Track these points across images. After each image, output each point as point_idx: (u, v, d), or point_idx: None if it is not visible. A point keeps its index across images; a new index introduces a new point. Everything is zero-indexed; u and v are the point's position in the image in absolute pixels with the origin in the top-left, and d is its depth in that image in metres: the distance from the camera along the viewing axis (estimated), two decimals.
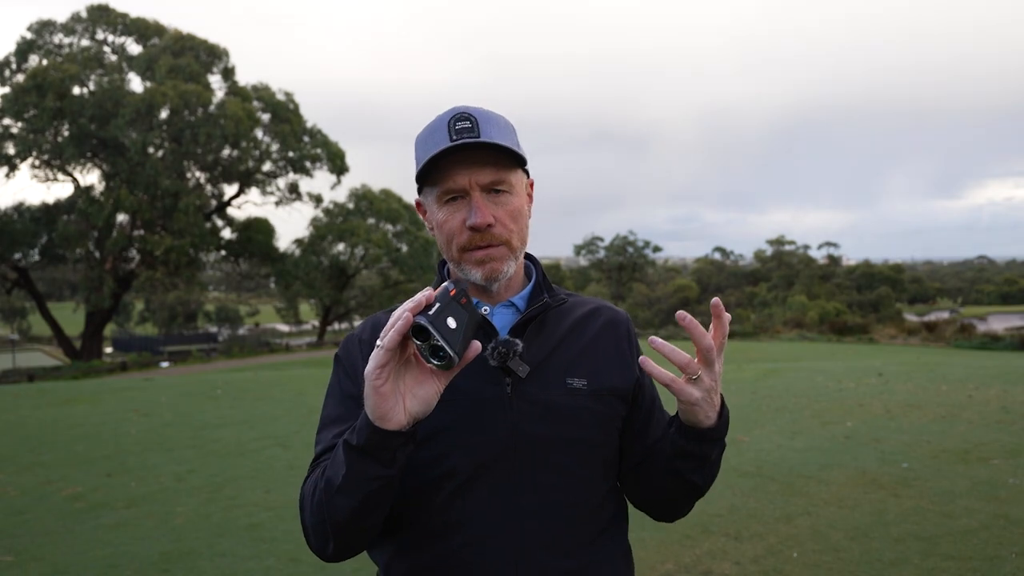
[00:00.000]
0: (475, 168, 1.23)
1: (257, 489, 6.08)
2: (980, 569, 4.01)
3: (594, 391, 1.28)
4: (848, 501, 5.34)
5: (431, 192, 1.29)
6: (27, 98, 30.57)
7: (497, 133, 1.24)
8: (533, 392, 1.24)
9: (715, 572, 4.05)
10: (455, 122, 1.23)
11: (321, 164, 37.09)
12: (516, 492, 1.22)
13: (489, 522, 1.21)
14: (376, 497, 1.11)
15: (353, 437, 1.10)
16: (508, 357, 1.22)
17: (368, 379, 1.05)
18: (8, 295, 38.72)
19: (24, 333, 60.53)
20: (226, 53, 35.21)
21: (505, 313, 1.32)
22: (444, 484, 1.22)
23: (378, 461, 1.08)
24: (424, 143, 1.27)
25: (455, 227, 1.25)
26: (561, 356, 1.29)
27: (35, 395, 13.26)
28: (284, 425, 9.18)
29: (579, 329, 1.34)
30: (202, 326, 60.19)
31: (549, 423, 1.24)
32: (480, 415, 1.22)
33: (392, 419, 1.06)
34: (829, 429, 8.10)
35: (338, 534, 1.15)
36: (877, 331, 34.49)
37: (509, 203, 1.26)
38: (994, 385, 11.26)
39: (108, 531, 5.04)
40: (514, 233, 1.27)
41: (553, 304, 1.32)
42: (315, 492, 1.17)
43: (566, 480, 1.24)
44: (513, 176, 1.27)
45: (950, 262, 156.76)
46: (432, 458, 1.21)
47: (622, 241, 63.10)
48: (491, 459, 1.22)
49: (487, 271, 1.25)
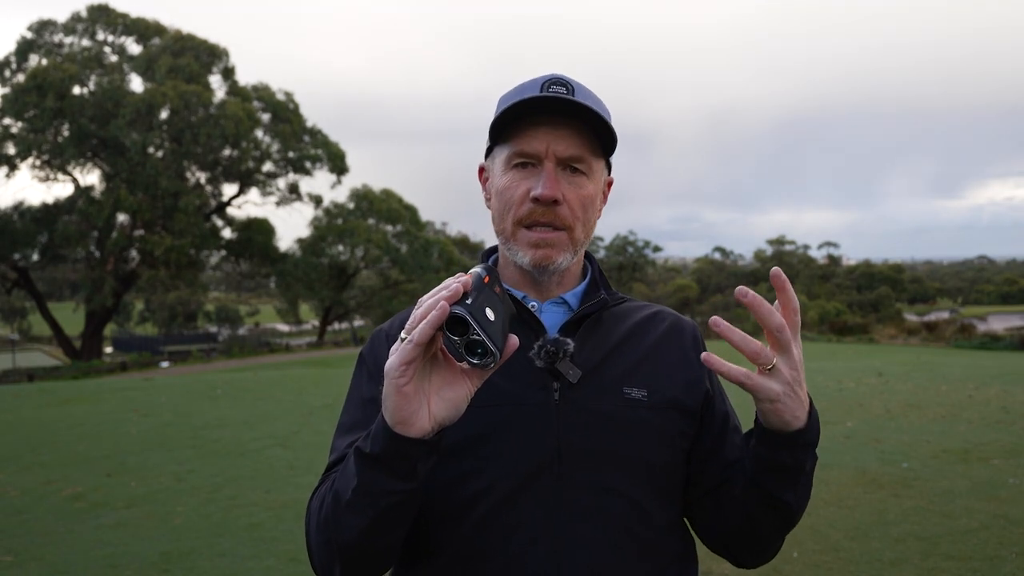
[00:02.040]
0: (558, 135, 1.08)
1: (257, 489, 6.08)
2: (980, 569, 4.01)
3: (655, 404, 1.11)
4: (848, 501, 5.34)
5: (500, 152, 1.13)
6: (27, 98, 30.58)
7: (595, 105, 1.10)
8: (584, 400, 1.08)
9: (715, 572, 4.05)
10: (549, 84, 1.09)
11: (321, 164, 37.12)
12: (561, 515, 1.05)
13: (527, 550, 1.04)
14: (391, 516, 0.96)
15: (367, 444, 0.94)
16: (557, 358, 1.07)
17: (389, 376, 0.89)
18: (8, 295, 38.74)
19: (24, 333, 60.53)
20: (226, 53, 35.23)
21: (555, 311, 1.16)
22: (478, 503, 1.05)
23: (395, 473, 0.93)
24: (509, 98, 1.12)
25: (517, 196, 1.10)
26: (618, 362, 1.13)
27: (35, 395, 13.27)
28: (284, 425, 9.17)
29: (639, 333, 1.18)
30: (202, 326, 60.17)
31: (602, 436, 1.07)
32: (523, 423, 1.06)
33: (414, 424, 0.91)
34: (829, 429, 8.10)
35: (346, 557, 0.99)
36: (877, 331, 34.49)
37: (584, 187, 1.11)
38: (994, 385, 11.26)
39: (108, 531, 5.04)
40: (580, 222, 1.11)
41: (611, 303, 1.17)
42: (322, 507, 1.02)
43: (620, 504, 1.07)
44: (595, 161, 1.13)
45: (950, 262, 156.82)
46: (466, 472, 1.06)
47: (622, 241, 63.07)
48: (533, 475, 1.05)
49: (538, 256, 1.10)
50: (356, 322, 51.99)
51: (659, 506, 1.11)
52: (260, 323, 66.78)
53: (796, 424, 0.98)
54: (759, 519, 1.09)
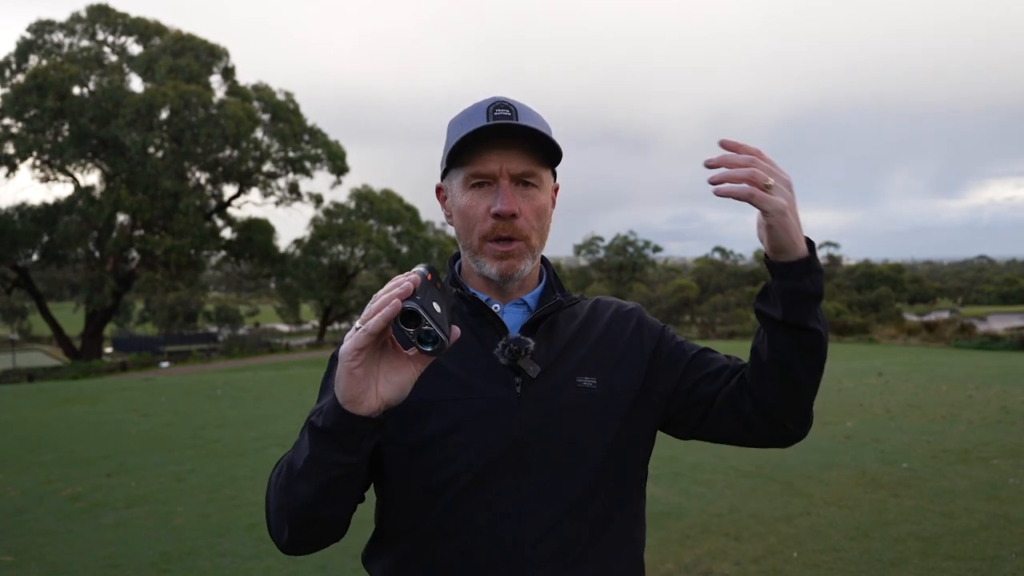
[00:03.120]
0: (509, 155, 1.20)
1: (257, 489, 6.08)
2: (980, 569, 4.01)
3: (603, 389, 1.24)
4: (848, 501, 5.34)
5: (457, 175, 1.24)
6: (27, 98, 30.60)
7: (537, 125, 1.21)
8: (543, 392, 1.21)
9: (715, 572, 4.05)
10: (494, 108, 1.20)
11: (321, 164, 37.14)
12: (524, 495, 1.17)
13: (495, 527, 1.16)
14: (337, 486, 1.06)
15: (319, 419, 1.05)
16: (519, 356, 1.19)
17: (343, 360, 1.00)
18: (8, 295, 38.74)
19: (24, 333, 60.54)
20: (226, 53, 35.24)
21: (516, 311, 1.29)
22: (449, 487, 1.17)
23: (343, 447, 1.03)
24: (459, 125, 1.23)
25: (479, 214, 1.22)
26: (571, 355, 1.26)
27: (35, 395, 13.27)
28: (284, 425, 9.17)
29: (586, 327, 1.31)
30: (202, 326, 60.16)
31: (559, 423, 1.20)
32: (489, 415, 1.18)
33: (363, 403, 1.01)
34: (829, 429, 8.10)
35: (294, 523, 1.11)
36: (877, 331, 34.49)
37: (536, 199, 1.23)
38: (994, 385, 11.26)
39: (108, 531, 5.04)
40: (535, 231, 1.24)
41: (565, 304, 1.29)
42: (279, 475, 1.14)
43: (575, 484, 1.19)
44: (544, 173, 1.25)
45: (950, 262, 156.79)
46: (439, 461, 1.17)
47: (622, 241, 63.10)
48: (499, 461, 1.17)
49: (504, 267, 1.22)
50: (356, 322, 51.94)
51: (613, 482, 1.23)
52: (260, 323, 66.74)
53: (802, 247, 1.09)
54: (794, 363, 1.16)
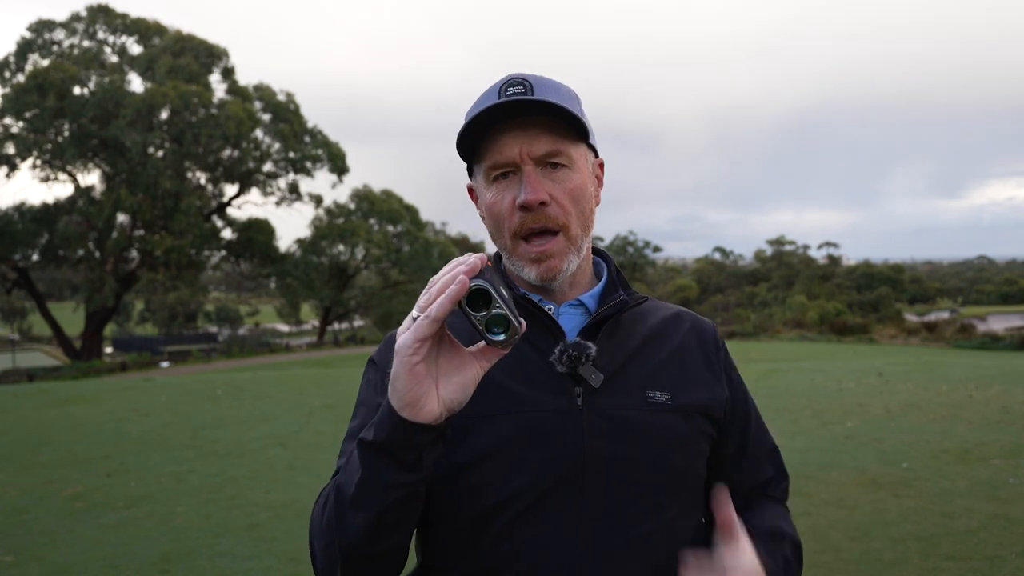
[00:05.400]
0: (528, 136, 1.04)
1: (257, 489, 6.08)
2: (980, 569, 4.01)
3: (679, 407, 1.08)
4: (848, 501, 5.34)
5: (479, 169, 1.10)
6: (28, 98, 30.58)
7: (556, 97, 1.05)
8: (608, 405, 1.05)
9: None
10: (507, 87, 1.05)
11: (322, 164, 37.14)
12: (583, 526, 1.02)
13: (548, 563, 1.00)
14: (396, 512, 0.92)
15: (370, 433, 0.91)
16: (579, 363, 1.04)
17: (401, 355, 0.86)
18: (8, 295, 38.74)
19: (24, 333, 60.55)
20: (226, 53, 35.24)
21: (573, 313, 1.13)
22: (500, 512, 1.02)
23: (401, 463, 0.89)
24: (472, 111, 1.08)
25: (505, 209, 1.06)
26: (640, 365, 1.10)
27: (35, 395, 13.26)
28: (284, 425, 9.17)
29: (661, 335, 1.14)
30: (202, 326, 60.20)
31: (627, 441, 1.04)
32: (547, 430, 1.03)
33: (424, 407, 0.87)
34: (829, 429, 8.10)
35: (348, 560, 0.95)
36: (877, 331, 34.50)
37: (569, 180, 1.06)
38: (994, 385, 11.26)
39: (108, 531, 5.04)
40: (573, 216, 1.07)
41: (631, 303, 1.13)
42: (325, 507, 0.98)
43: (644, 510, 1.04)
44: (574, 149, 1.07)
45: (950, 262, 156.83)
46: (488, 481, 1.02)
47: (622, 241, 63.10)
48: (557, 482, 1.02)
49: (543, 270, 1.06)
50: (356, 322, 52.02)
51: (682, 512, 1.08)
52: (260, 323, 66.76)
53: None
54: None
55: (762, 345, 30.50)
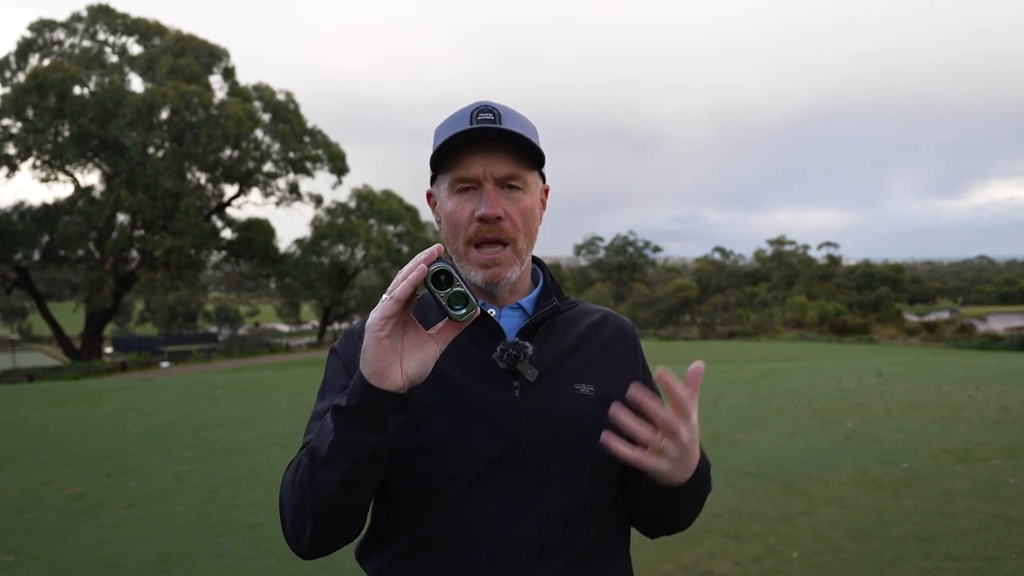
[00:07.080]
0: (492, 159, 1.20)
1: (257, 489, 6.08)
2: (980, 569, 4.01)
3: (601, 397, 1.24)
4: (848, 501, 5.34)
5: (443, 180, 1.25)
6: (28, 98, 30.60)
7: (519, 128, 1.22)
8: (541, 397, 1.22)
9: (715, 572, 4.05)
10: (478, 113, 1.21)
11: (322, 164, 37.17)
12: (519, 498, 1.19)
13: (490, 528, 1.18)
14: (363, 469, 1.07)
15: (343, 399, 1.06)
16: (518, 360, 1.20)
17: (370, 331, 1.02)
18: (8, 295, 38.75)
19: (24, 333, 60.57)
20: (226, 53, 35.27)
21: (512, 316, 1.29)
22: (447, 489, 1.18)
23: (369, 426, 1.04)
24: (443, 130, 1.24)
25: (464, 218, 1.22)
26: (570, 362, 1.27)
27: (35, 395, 13.26)
28: (284, 425, 9.17)
29: (589, 336, 1.32)
30: (202, 326, 60.23)
31: (556, 429, 1.21)
32: (489, 419, 1.19)
33: (389, 377, 1.03)
34: (829, 429, 8.10)
35: (318, 515, 1.10)
36: (877, 331, 34.49)
37: (522, 201, 1.23)
38: (994, 385, 11.27)
39: (108, 531, 5.04)
40: (521, 233, 1.23)
41: (563, 308, 1.30)
42: (297, 471, 1.13)
43: (569, 487, 1.22)
44: (529, 175, 1.25)
45: (950, 262, 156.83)
46: (437, 462, 1.18)
47: (622, 241, 63.17)
48: (496, 464, 1.19)
49: (489, 275, 1.22)
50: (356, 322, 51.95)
51: (605, 487, 1.26)
52: (260, 323, 66.77)
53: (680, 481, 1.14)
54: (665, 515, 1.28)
55: (762, 345, 30.51)
